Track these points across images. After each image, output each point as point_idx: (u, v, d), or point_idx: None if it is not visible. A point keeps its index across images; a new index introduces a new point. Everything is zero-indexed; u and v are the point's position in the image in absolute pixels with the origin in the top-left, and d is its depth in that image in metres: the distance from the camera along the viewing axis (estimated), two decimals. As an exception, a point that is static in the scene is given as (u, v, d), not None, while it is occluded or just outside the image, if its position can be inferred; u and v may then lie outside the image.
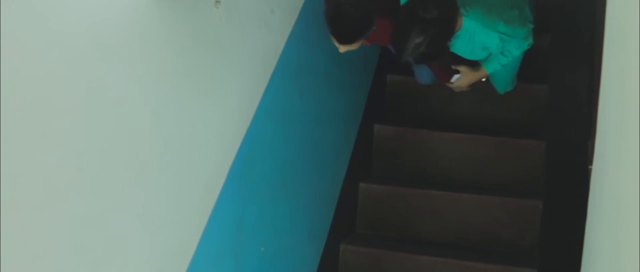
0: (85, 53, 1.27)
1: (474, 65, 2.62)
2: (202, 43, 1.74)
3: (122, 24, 1.38)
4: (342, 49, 2.45)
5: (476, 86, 2.75)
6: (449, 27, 2.23)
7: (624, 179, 0.94)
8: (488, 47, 2.40)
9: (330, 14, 2.36)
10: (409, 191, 3.08)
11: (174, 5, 1.57)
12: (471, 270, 2.78)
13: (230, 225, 2.00)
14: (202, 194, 1.82)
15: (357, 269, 2.96)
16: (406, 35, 2.17)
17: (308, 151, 2.59)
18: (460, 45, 2.38)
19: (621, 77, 1.05)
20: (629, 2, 1.00)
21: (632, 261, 0.80)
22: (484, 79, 2.68)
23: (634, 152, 0.85)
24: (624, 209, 0.91)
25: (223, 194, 1.90)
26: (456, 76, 2.68)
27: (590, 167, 1.72)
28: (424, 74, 3.02)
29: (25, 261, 1.18)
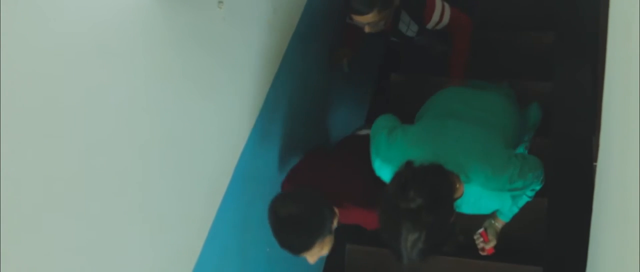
0: (87, 54, 1.27)
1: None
2: (205, 43, 1.74)
3: (124, 25, 1.38)
4: (311, 258, 1.96)
5: None
6: (445, 210, 1.71)
7: (628, 175, 0.94)
8: (499, 207, 2.04)
9: (272, 228, 1.90)
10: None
11: (176, 6, 1.56)
12: (476, 267, 2.77)
13: (235, 225, 2.00)
14: (207, 195, 1.82)
15: (363, 269, 2.96)
16: (396, 235, 1.65)
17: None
18: (465, 208, 1.91)
19: (625, 73, 1.05)
20: (632, -3, 1.00)
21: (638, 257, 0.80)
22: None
23: (639, 147, 0.85)
24: (629, 204, 0.90)
25: (228, 194, 1.90)
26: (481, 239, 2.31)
27: (595, 164, 1.71)
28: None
29: (24, 262, 1.18)
